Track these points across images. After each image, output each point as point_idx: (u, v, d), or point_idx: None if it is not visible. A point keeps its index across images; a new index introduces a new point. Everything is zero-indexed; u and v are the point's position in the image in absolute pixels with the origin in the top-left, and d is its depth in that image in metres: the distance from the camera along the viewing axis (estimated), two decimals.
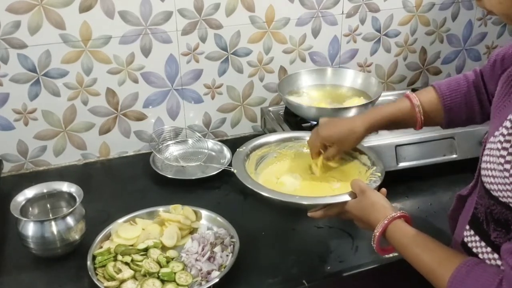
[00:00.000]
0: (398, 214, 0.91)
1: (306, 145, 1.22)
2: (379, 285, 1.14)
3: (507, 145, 0.72)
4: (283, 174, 1.19)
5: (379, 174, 1.09)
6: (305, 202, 1.03)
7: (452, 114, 1.07)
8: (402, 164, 1.32)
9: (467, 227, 0.87)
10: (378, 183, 1.06)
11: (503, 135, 0.73)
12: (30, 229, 1.05)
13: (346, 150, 1.16)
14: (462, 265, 0.77)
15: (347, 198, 0.99)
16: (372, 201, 0.95)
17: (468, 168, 1.32)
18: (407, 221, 0.92)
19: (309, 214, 1.04)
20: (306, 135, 1.24)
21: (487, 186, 0.78)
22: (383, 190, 1.02)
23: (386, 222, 0.90)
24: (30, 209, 1.13)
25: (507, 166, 0.71)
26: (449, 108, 1.06)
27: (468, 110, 1.06)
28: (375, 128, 1.10)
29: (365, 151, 1.18)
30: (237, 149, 1.20)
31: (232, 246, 1.09)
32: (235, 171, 1.11)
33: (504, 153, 0.72)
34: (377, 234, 0.91)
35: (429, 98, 1.08)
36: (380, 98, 1.45)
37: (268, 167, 1.23)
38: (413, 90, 1.55)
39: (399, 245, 0.89)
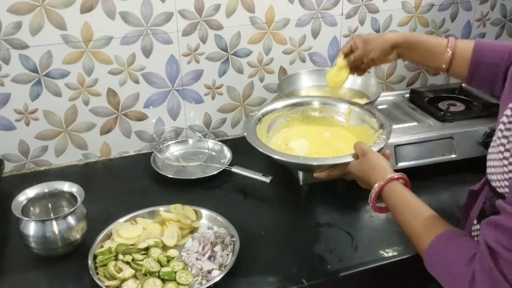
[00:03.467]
0: (396, 176, 0.94)
1: (317, 109, 1.31)
2: (378, 284, 1.14)
3: (507, 133, 0.72)
4: (293, 139, 1.26)
5: (384, 137, 1.13)
6: (311, 163, 1.10)
7: (477, 70, 1.02)
8: (401, 164, 1.32)
9: (475, 221, 0.88)
10: (381, 145, 1.09)
11: (504, 123, 0.73)
12: (31, 228, 1.05)
13: (371, 55, 1.14)
14: (445, 233, 0.79)
15: (349, 159, 1.04)
16: (372, 163, 0.98)
17: (467, 168, 1.33)
18: (406, 184, 0.94)
19: (315, 174, 1.08)
20: (314, 99, 1.33)
21: (489, 177, 0.78)
22: (387, 152, 1.05)
23: (383, 183, 0.93)
24: (32, 208, 1.13)
25: (507, 154, 0.71)
26: (476, 62, 1.02)
27: (493, 74, 1.01)
28: (405, 41, 1.10)
29: (375, 113, 1.23)
30: (249, 114, 1.27)
31: (232, 245, 1.09)
32: (245, 134, 1.17)
33: (504, 141, 0.72)
34: (373, 193, 0.94)
35: (464, 45, 1.05)
36: (380, 99, 1.45)
37: (280, 130, 1.30)
38: (413, 91, 1.58)
39: (392, 206, 0.92)
